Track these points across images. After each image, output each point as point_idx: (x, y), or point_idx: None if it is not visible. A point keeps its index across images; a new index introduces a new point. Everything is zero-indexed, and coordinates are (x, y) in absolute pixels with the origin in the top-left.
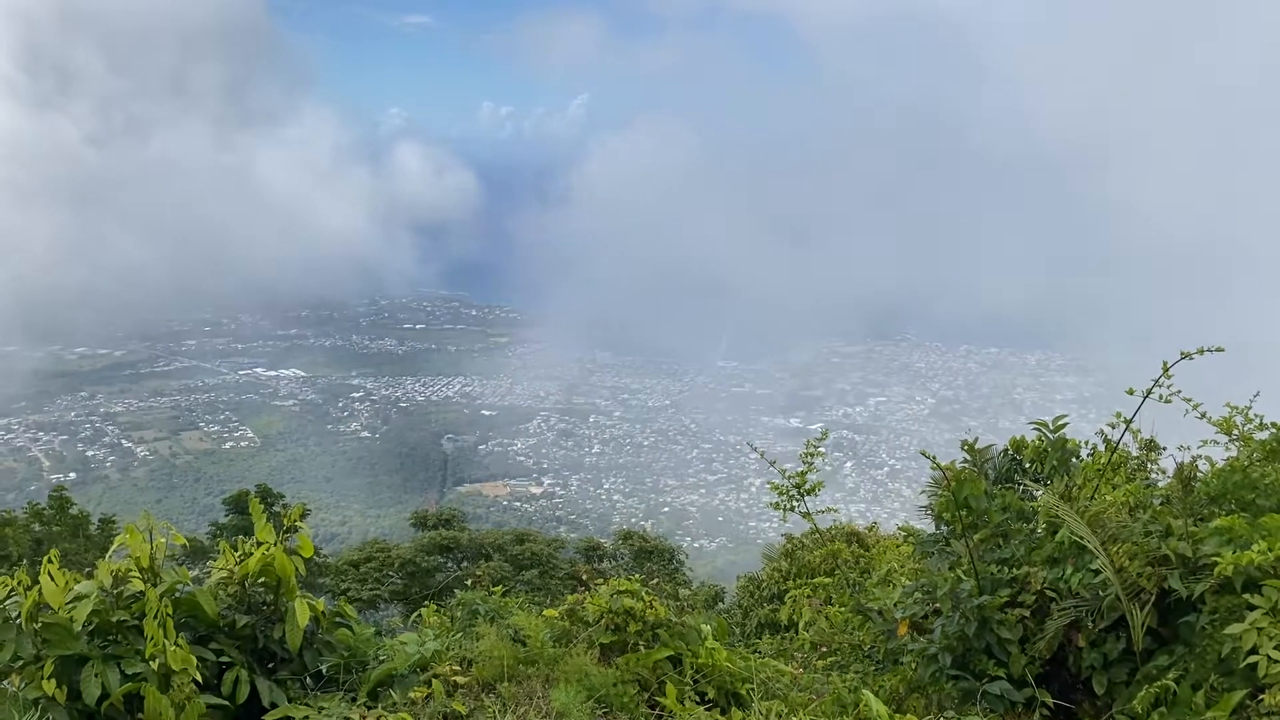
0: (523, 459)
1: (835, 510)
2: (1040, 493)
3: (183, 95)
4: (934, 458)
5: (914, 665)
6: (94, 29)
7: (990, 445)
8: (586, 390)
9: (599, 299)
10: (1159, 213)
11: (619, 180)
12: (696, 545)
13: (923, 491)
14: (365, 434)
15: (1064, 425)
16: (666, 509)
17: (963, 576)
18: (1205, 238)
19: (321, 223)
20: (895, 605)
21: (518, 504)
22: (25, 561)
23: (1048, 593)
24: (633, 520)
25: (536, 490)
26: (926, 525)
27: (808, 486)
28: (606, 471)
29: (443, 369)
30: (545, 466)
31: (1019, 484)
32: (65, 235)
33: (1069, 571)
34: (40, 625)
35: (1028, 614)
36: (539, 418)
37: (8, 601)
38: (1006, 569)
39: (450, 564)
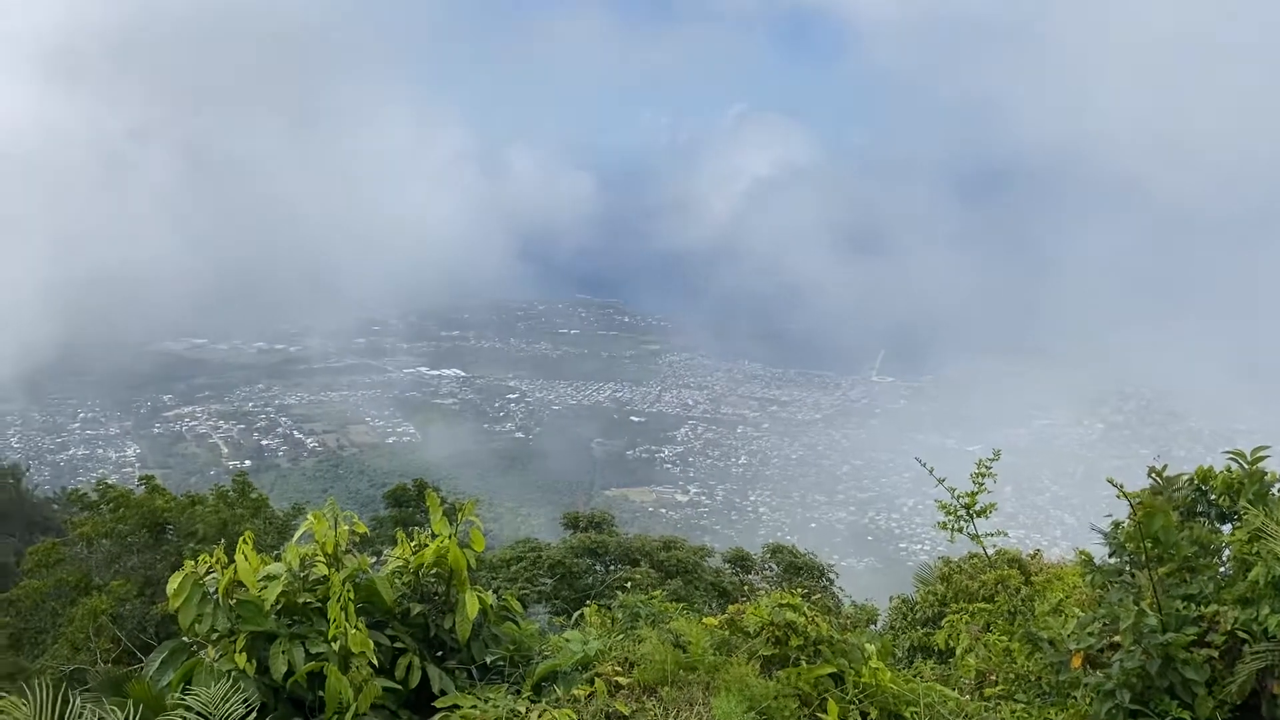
0: (669, 466)
1: (1005, 534)
2: (1229, 528)
3: (284, 94)
4: (1120, 485)
5: (1089, 700)
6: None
7: (1179, 474)
8: (735, 400)
9: (744, 308)
10: (1237, 214)
11: (737, 189)
12: (844, 564)
13: (1107, 515)
14: (519, 434)
15: (1264, 457)
16: (814, 524)
17: (1146, 610)
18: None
19: (469, 229)
20: (1070, 636)
21: (663, 510)
22: (222, 541)
23: (1239, 634)
24: (778, 534)
25: (682, 498)
26: (1097, 551)
27: (978, 508)
28: (753, 483)
29: (594, 374)
30: (691, 475)
31: (1204, 517)
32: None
33: (1265, 613)
34: (235, 602)
35: (1216, 655)
36: (686, 426)
37: (207, 577)
38: (1193, 606)
39: (599, 567)
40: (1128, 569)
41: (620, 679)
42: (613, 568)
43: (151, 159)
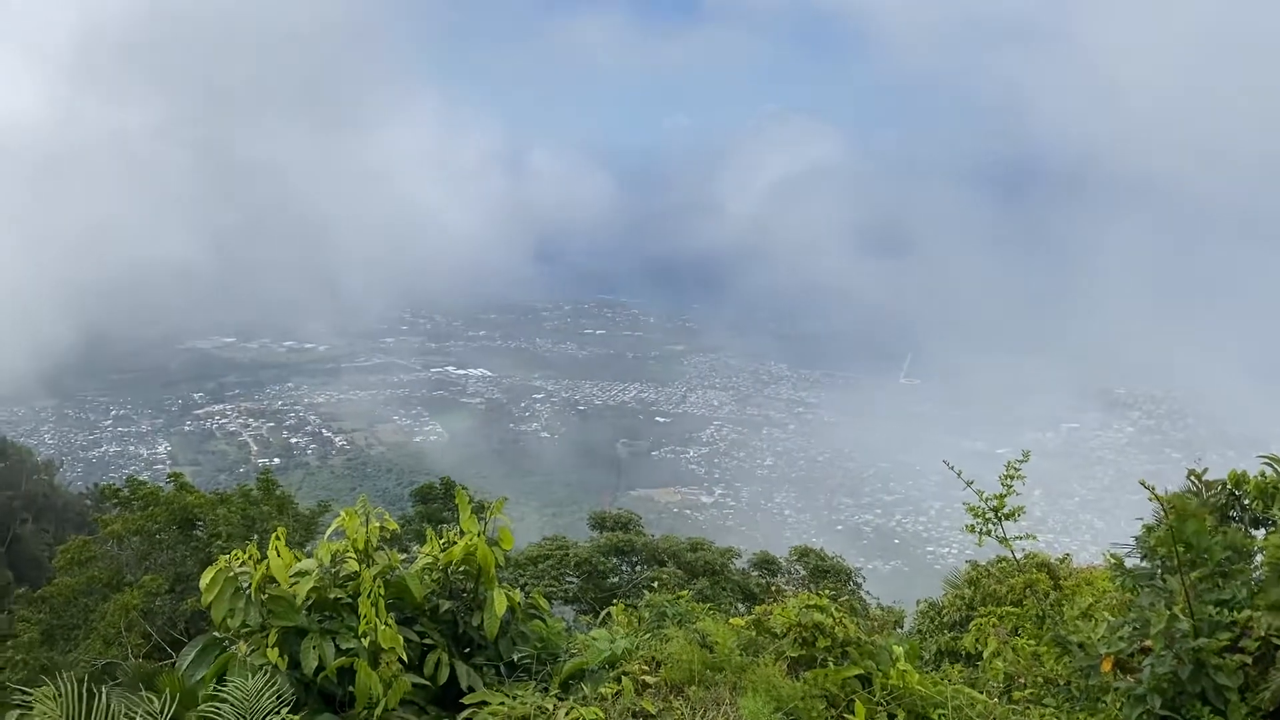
0: (694, 467)
1: (1034, 538)
2: (1263, 533)
3: (313, 95)
4: (1153, 487)
5: (1118, 705)
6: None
7: (1215, 480)
8: (760, 402)
9: (770, 309)
10: (1267, 213)
11: (762, 189)
12: (870, 566)
13: (1138, 518)
14: (544, 434)
15: None
16: (840, 527)
17: (1178, 615)
18: None
19: (493, 230)
20: (1100, 640)
21: (688, 511)
22: (255, 538)
23: (1273, 640)
24: (804, 536)
25: (707, 499)
26: (1128, 555)
27: (1006, 511)
28: (778, 485)
29: (619, 375)
30: (717, 476)
31: (1237, 521)
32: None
33: None
34: (267, 597)
35: (1249, 661)
36: (712, 427)
37: (240, 572)
38: (1226, 611)
39: (625, 567)
40: (1159, 573)
41: (647, 678)
42: (639, 567)
43: (175, 158)
